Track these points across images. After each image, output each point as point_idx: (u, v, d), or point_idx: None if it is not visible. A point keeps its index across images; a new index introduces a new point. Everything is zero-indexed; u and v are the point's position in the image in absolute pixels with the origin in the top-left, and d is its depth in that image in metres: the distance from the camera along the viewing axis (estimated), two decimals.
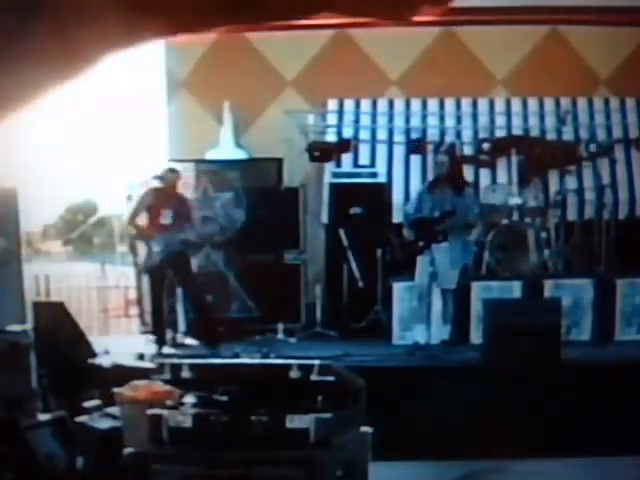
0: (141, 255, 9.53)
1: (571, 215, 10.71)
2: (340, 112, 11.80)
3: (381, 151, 11.66)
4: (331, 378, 5.48)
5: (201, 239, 10.18)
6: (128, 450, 5.50)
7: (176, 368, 5.77)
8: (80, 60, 1.10)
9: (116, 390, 6.36)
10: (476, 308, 9.21)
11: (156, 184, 9.43)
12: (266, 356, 8.08)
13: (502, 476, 6.40)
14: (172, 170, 9.64)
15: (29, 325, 7.13)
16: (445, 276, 8.75)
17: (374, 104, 11.84)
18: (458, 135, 11.46)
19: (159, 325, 9.56)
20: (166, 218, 9.28)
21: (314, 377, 5.46)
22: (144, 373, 6.39)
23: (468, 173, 11.17)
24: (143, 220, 9.41)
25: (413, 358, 8.55)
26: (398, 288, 9.62)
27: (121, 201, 10.74)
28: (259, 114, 11.86)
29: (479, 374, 7.77)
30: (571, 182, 10.91)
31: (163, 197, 9.36)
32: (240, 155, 11.73)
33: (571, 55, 11.44)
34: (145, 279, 10.16)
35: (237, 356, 8.08)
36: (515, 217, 10.29)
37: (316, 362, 5.56)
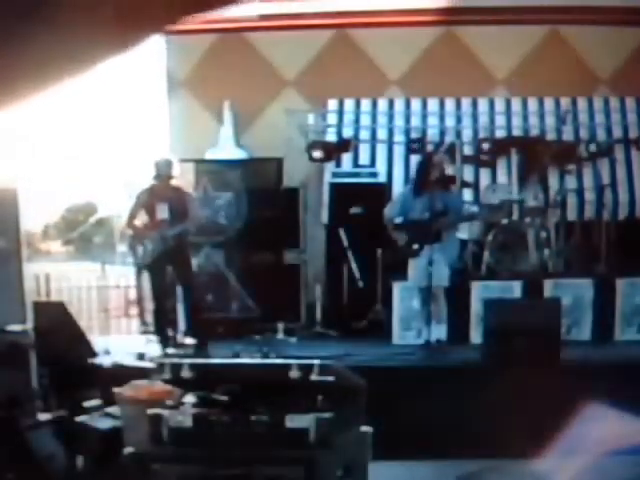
0: (139, 255, 9.41)
1: (571, 215, 10.70)
2: (340, 112, 11.81)
3: (381, 151, 11.67)
4: (331, 378, 5.48)
5: (198, 234, 10.09)
6: (128, 450, 5.50)
7: (176, 368, 5.77)
8: (80, 60, 1.10)
9: (116, 390, 6.37)
10: (476, 308, 9.22)
11: (151, 182, 9.32)
12: (266, 356, 8.08)
13: (502, 476, 6.41)
14: (164, 160, 9.40)
15: (29, 325, 7.12)
16: (438, 274, 8.71)
17: (374, 104, 11.85)
18: (458, 135, 11.46)
19: (161, 325, 9.49)
20: (162, 212, 9.12)
21: (314, 377, 5.46)
22: (144, 373, 6.39)
23: (468, 173, 11.21)
24: (141, 221, 9.30)
25: (413, 358, 8.55)
26: (398, 288, 9.62)
27: (121, 201, 10.75)
28: (259, 114, 11.86)
29: (479, 374, 7.76)
30: (571, 182, 10.91)
31: (158, 193, 9.19)
32: (240, 155, 11.73)
33: (571, 55, 11.44)
34: (146, 278, 10.05)
35: (237, 356, 8.08)
36: (515, 217, 10.28)
37: (316, 362, 5.55)
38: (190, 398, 5.62)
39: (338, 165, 11.45)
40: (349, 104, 11.83)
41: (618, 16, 10.78)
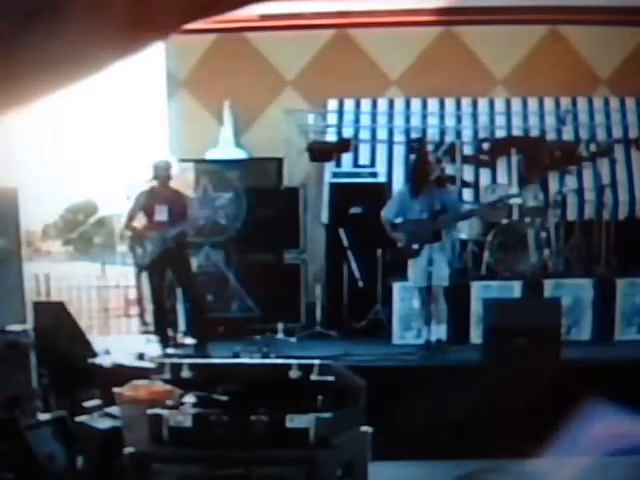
0: (138, 256, 9.40)
1: (571, 215, 10.70)
2: (340, 112, 11.80)
3: (381, 151, 11.66)
4: (331, 378, 5.47)
5: (198, 234, 10.08)
6: (128, 450, 5.50)
7: (176, 368, 5.77)
8: (86, 63, 1.10)
9: (116, 390, 6.37)
10: (476, 308, 9.21)
11: (151, 184, 9.31)
12: (266, 356, 8.08)
13: (502, 476, 6.40)
14: (163, 162, 9.40)
15: (29, 325, 7.12)
16: (437, 274, 8.71)
17: (374, 104, 11.84)
18: (458, 135, 11.45)
19: (161, 325, 9.49)
20: (161, 214, 9.12)
21: (314, 377, 5.45)
22: (144, 373, 6.39)
23: (468, 173, 11.21)
24: (140, 222, 9.31)
25: (414, 358, 8.56)
26: (398, 288, 9.61)
27: (121, 201, 10.75)
28: (259, 114, 11.86)
29: (479, 374, 7.76)
30: (571, 182, 10.90)
31: (157, 194, 9.19)
32: (240, 155, 11.73)
33: (571, 55, 11.44)
34: (145, 279, 10.03)
35: (237, 356, 8.08)
36: (515, 217, 10.28)
37: (316, 362, 5.55)
38: (190, 398, 5.62)
39: (338, 165, 11.44)
40: (349, 104, 11.82)
41: (618, 16, 10.77)
